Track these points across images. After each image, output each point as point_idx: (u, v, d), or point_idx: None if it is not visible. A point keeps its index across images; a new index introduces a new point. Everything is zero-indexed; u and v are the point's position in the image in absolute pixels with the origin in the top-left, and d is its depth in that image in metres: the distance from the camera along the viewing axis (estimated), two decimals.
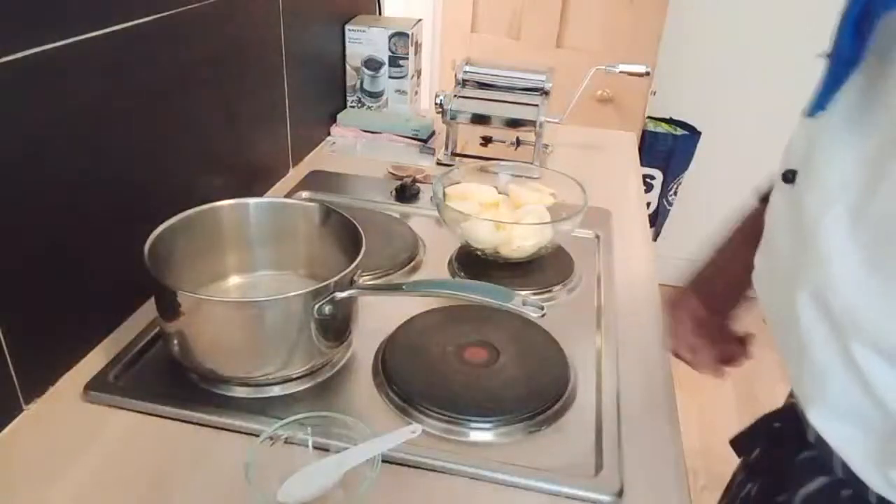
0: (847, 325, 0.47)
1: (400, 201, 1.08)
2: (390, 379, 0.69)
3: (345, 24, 1.33)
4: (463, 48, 2.23)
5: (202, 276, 0.76)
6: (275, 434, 0.58)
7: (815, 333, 0.49)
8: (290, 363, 0.66)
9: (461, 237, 0.90)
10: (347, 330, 0.71)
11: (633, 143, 1.44)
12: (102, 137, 0.70)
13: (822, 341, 0.49)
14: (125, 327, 0.76)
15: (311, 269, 0.79)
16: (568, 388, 0.69)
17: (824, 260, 0.47)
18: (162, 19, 0.76)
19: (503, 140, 1.29)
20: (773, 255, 0.57)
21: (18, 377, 0.63)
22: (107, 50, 0.68)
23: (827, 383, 0.50)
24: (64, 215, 0.66)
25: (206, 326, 0.64)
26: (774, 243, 0.56)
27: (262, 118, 1.08)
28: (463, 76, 1.27)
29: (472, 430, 0.64)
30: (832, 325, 0.48)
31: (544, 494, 0.59)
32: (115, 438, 0.62)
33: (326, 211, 0.77)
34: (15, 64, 0.57)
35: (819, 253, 0.47)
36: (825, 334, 0.49)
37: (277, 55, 1.08)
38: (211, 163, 0.94)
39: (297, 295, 0.63)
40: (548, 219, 0.90)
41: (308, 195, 1.09)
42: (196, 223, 0.73)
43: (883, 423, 0.48)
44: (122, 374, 0.69)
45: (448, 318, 0.79)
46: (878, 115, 0.43)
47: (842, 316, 0.47)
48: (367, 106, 1.40)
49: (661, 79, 2.17)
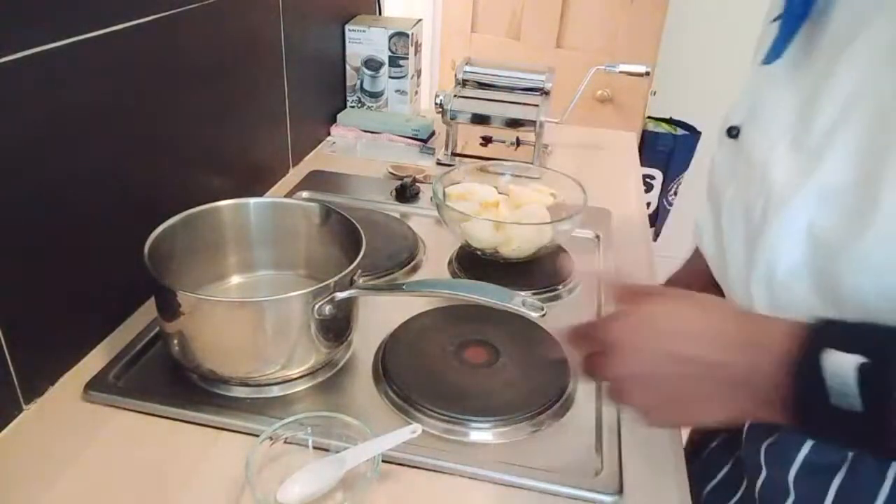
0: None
1: (400, 201, 1.08)
2: (390, 379, 0.69)
3: (345, 24, 1.33)
4: (463, 48, 2.23)
5: (202, 276, 0.76)
6: (275, 434, 0.58)
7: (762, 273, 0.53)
8: (290, 363, 0.66)
9: (461, 237, 0.90)
10: (347, 330, 0.71)
11: (633, 143, 1.44)
12: (102, 137, 0.70)
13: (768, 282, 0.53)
14: (125, 327, 0.76)
15: (311, 269, 0.79)
16: (568, 388, 0.69)
17: (782, 199, 0.51)
18: (162, 19, 0.76)
19: (503, 140, 1.29)
20: (716, 206, 0.61)
21: (18, 377, 0.63)
22: (107, 50, 0.68)
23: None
24: (64, 215, 0.66)
25: (206, 326, 0.64)
26: (718, 197, 0.61)
27: (262, 118, 1.08)
28: (463, 76, 1.27)
29: (472, 430, 0.64)
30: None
31: (544, 494, 0.59)
32: (115, 438, 0.62)
33: (326, 211, 0.77)
34: (15, 64, 0.57)
35: (769, 185, 0.52)
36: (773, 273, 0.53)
37: (277, 55, 1.08)
38: (211, 163, 0.94)
39: (297, 295, 0.63)
40: (548, 219, 0.90)
41: (308, 195, 1.09)
42: (196, 223, 0.73)
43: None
44: (122, 374, 0.69)
45: (448, 318, 0.79)
46: (814, 60, 0.51)
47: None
48: (367, 106, 1.40)
49: (661, 79, 2.17)
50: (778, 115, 0.53)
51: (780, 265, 0.52)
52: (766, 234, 0.53)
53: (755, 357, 0.42)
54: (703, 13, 2.19)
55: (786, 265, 0.52)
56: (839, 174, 0.47)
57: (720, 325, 0.44)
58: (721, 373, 0.43)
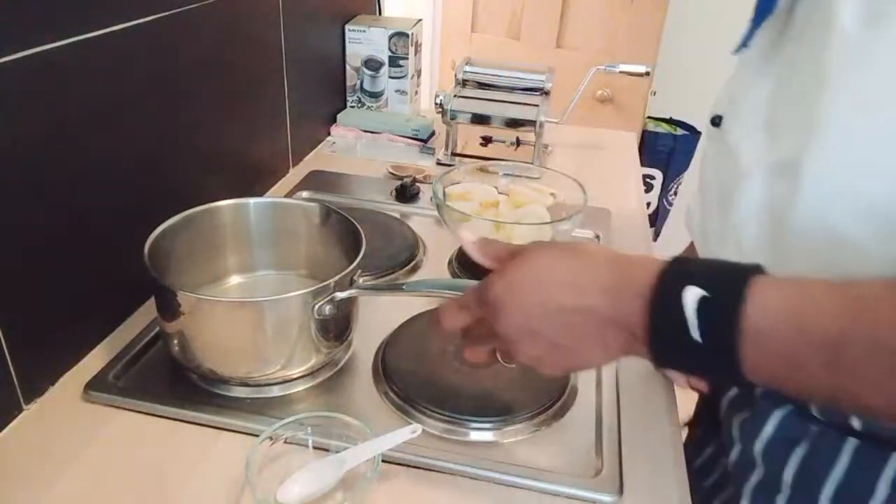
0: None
1: (400, 201, 1.08)
2: (390, 379, 0.69)
3: (345, 24, 1.33)
4: (463, 48, 2.23)
5: (202, 276, 0.76)
6: (275, 434, 0.58)
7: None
8: (290, 363, 0.66)
9: None
10: (347, 330, 0.71)
11: (633, 143, 1.44)
12: (102, 137, 0.70)
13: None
14: (125, 327, 0.76)
15: (311, 269, 0.79)
16: (568, 388, 0.69)
17: (745, 175, 0.55)
18: (162, 19, 0.76)
19: (503, 140, 1.29)
20: (702, 191, 0.65)
21: (18, 377, 0.63)
22: (107, 50, 0.68)
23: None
24: (64, 215, 0.66)
25: (206, 326, 0.64)
26: (704, 182, 0.65)
27: (262, 118, 1.08)
28: (463, 76, 1.27)
29: (472, 430, 0.64)
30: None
31: (544, 494, 0.59)
32: (115, 438, 0.62)
33: (326, 211, 0.77)
34: (15, 64, 0.57)
35: (738, 163, 0.56)
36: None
37: (277, 55, 1.08)
38: (211, 163, 0.94)
39: (297, 295, 0.63)
40: (548, 219, 0.90)
41: (308, 195, 1.09)
42: (196, 223, 0.73)
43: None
44: (122, 374, 0.69)
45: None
46: (785, 48, 0.55)
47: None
48: (367, 106, 1.40)
49: (661, 79, 2.17)
50: (751, 103, 0.57)
51: (745, 237, 0.56)
52: (734, 206, 0.57)
53: (619, 297, 0.44)
54: (703, 13, 2.19)
55: (749, 236, 0.55)
56: (786, 152, 0.51)
57: (591, 271, 0.47)
58: (594, 316, 0.45)
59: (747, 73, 0.60)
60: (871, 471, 0.52)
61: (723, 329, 0.39)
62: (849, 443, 0.53)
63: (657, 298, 0.42)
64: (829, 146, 0.48)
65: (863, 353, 0.36)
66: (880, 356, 0.36)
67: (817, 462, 0.55)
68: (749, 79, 0.59)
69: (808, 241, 0.50)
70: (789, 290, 0.39)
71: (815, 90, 0.49)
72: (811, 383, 0.39)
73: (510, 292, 0.49)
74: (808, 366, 0.38)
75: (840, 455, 0.53)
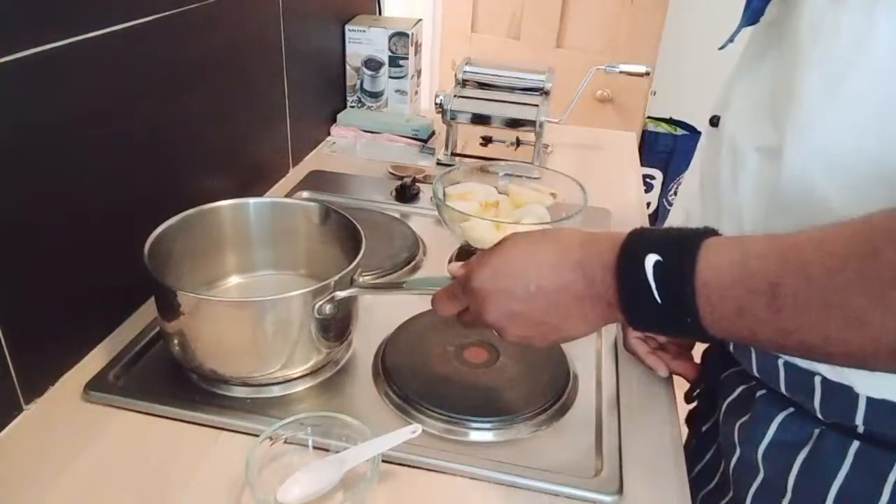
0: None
1: (400, 201, 1.08)
2: (390, 379, 0.69)
3: (345, 24, 1.33)
4: (463, 48, 2.23)
5: (202, 276, 0.76)
6: (275, 434, 0.58)
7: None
8: (291, 363, 0.66)
9: (461, 237, 0.90)
10: (348, 330, 0.71)
11: (633, 143, 1.44)
12: (102, 137, 0.70)
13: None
14: (125, 327, 0.76)
15: (311, 269, 0.79)
16: (568, 388, 0.69)
17: (741, 160, 0.57)
18: (162, 19, 0.76)
19: (503, 140, 1.29)
20: (704, 192, 0.67)
21: (18, 377, 0.63)
22: (107, 50, 0.68)
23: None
24: (64, 215, 0.66)
25: (206, 326, 0.64)
26: (705, 182, 0.66)
27: (262, 118, 1.08)
28: (463, 76, 1.27)
29: (472, 430, 0.64)
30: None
31: (544, 494, 0.59)
32: (115, 438, 0.62)
33: (326, 211, 0.77)
34: (15, 64, 0.57)
35: (736, 156, 0.58)
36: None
37: (277, 55, 1.08)
38: (211, 163, 0.94)
39: (297, 295, 0.63)
40: (548, 219, 0.90)
41: (308, 195, 1.09)
42: (196, 223, 0.73)
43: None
44: (122, 374, 0.69)
45: (448, 318, 0.78)
46: (774, 46, 0.57)
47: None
48: (367, 106, 1.40)
49: (661, 79, 2.17)
50: (745, 96, 0.60)
51: (745, 219, 0.57)
52: (734, 190, 0.58)
53: (591, 271, 0.48)
54: (703, 13, 2.19)
55: (748, 219, 0.57)
56: (775, 136, 0.53)
57: (564, 252, 0.50)
58: (570, 292, 0.49)
59: (743, 72, 0.62)
60: (874, 474, 0.52)
61: (678, 288, 0.43)
62: (852, 445, 0.53)
63: (622, 268, 0.46)
64: (804, 115, 0.50)
65: (797, 291, 0.39)
66: (811, 291, 0.38)
67: (820, 465, 0.54)
68: (744, 76, 0.61)
69: (799, 218, 0.51)
70: (734, 246, 0.43)
71: (793, 68, 0.52)
72: (759, 328, 0.41)
73: (492, 280, 0.52)
74: (753, 310, 0.41)
75: (843, 458, 0.53)
